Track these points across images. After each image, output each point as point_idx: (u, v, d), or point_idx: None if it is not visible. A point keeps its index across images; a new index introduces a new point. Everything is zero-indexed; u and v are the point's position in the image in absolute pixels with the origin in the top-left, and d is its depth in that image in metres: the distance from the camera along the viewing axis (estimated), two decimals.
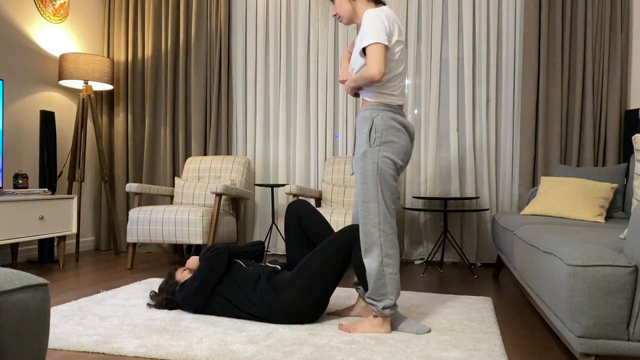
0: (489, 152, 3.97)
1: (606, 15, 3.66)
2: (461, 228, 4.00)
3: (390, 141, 2.04)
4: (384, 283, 2.03)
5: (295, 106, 4.34)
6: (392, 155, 2.04)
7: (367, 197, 2.05)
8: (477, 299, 2.71)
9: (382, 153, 2.03)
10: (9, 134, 3.74)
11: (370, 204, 2.04)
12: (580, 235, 1.83)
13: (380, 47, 1.95)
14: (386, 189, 2.05)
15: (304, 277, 2.14)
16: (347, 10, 2.17)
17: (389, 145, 2.04)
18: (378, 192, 2.04)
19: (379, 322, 2.07)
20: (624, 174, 3.06)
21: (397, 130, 2.06)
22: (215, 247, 2.29)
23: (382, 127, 2.04)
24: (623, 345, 1.47)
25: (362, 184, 2.07)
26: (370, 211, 2.04)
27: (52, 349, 1.88)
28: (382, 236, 2.03)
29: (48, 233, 3.48)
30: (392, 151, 2.04)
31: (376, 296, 2.05)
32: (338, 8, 2.18)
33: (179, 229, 3.42)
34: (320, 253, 2.16)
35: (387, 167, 2.04)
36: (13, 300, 0.95)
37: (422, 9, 4.06)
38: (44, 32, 4.05)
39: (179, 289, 2.38)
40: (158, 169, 4.52)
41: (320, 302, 2.18)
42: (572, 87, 3.75)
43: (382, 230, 2.04)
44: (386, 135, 2.04)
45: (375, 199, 2.04)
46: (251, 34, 4.40)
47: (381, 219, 2.04)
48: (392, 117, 2.07)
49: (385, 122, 2.05)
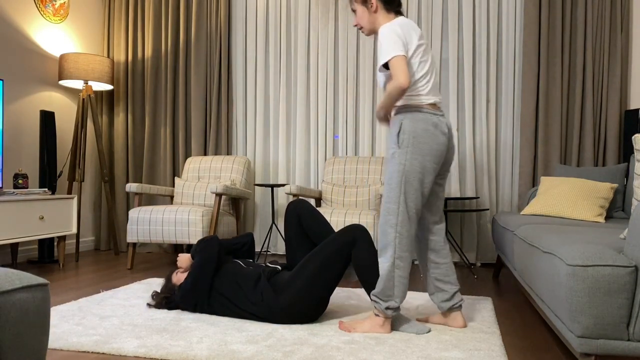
0: (489, 152, 3.97)
1: (606, 15, 3.66)
2: (461, 228, 4.00)
3: (419, 143, 2.03)
4: (393, 285, 2.04)
5: (295, 106, 4.34)
6: (420, 157, 2.03)
7: (389, 197, 2.06)
8: (477, 299, 2.71)
9: (409, 155, 2.03)
10: (9, 134, 3.74)
11: (391, 205, 2.05)
12: (580, 235, 1.83)
13: (399, 59, 1.97)
14: (410, 192, 2.04)
15: (304, 277, 2.15)
16: (369, 22, 2.19)
17: (417, 148, 2.03)
18: (400, 194, 2.04)
19: (379, 321, 2.07)
20: (624, 174, 3.06)
21: (426, 131, 2.04)
22: (204, 239, 2.33)
23: (409, 129, 2.04)
24: (623, 345, 1.47)
25: (387, 184, 2.08)
26: (390, 212, 2.05)
27: (52, 349, 1.88)
28: (397, 238, 2.04)
29: (48, 233, 3.48)
30: (420, 153, 2.03)
31: (382, 296, 2.05)
32: (360, 19, 2.21)
33: (179, 229, 3.42)
34: (320, 253, 2.17)
35: (413, 170, 2.03)
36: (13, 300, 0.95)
37: (422, 9, 4.06)
38: (44, 32, 4.05)
39: (177, 290, 2.38)
40: (158, 169, 4.52)
41: (321, 302, 2.18)
42: (572, 87, 3.75)
43: (398, 232, 2.04)
44: (414, 137, 2.03)
45: (397, 201, 2.04)
46: (251, 34, 4.40)
47: (399, 220, 2.04)
48: (423, 118, 2.06)
49: (413, 124, 2.04)
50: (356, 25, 2.23)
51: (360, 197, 3.75)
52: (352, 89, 4.19)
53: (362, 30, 2.23)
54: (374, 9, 2.15)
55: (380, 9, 2.15)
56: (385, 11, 2.15)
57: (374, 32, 2.23)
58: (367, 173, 3.89)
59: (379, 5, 2.14)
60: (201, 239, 2.35)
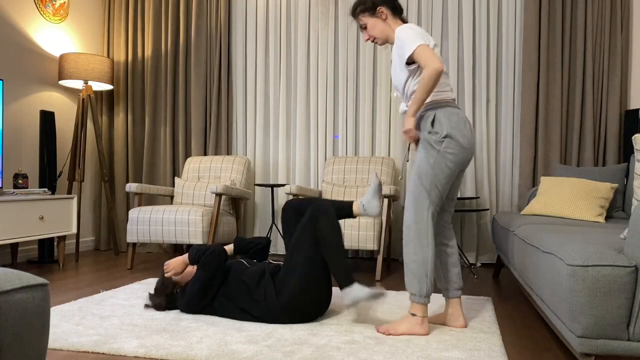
0: (489, 152, 3.97)
1: (606, 15, 3.66)
2: (461, 228, 4.00)
3: (455, 135, 2.03)
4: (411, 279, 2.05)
5: (295, 106, 4.34)
6: (454, 148, 2.03)
7: (420, 190, 2.05)
8: (477, 299, 2.71)
9: (445, 145, 2.03)
10: (9, 134, 3.74)
11: (421, 197, 2.05)
12: (580, 235, 1.83)
13: (424, 47, 1.99)
14: (440, 183, 2.04)
15: (296, 273, 2.15)
16: (382, 31, 2.21)
17: (453, 140, 2.03)
18: (426, 184, 2.04)
19: (417, 320, 2.06)
20: (624, 174, 3.06)
21: (458, 124, 2.05)
22: (212, 250, 2.25)
23: (444, 120, 2.04)
24: (623, 345, 1.47)
25: (417, 178, 2.07)
26: (419, 203, 2.05)
27: (52, 349, 1.88)
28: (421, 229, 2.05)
29: (48, 233, 3.48)
30: (456, 145, 2.03)
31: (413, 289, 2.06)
32: (372, 31, 2.22)
33: (179, 229, 3.42)
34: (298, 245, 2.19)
35: (446, 160, 2.03)
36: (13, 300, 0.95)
37: (422, 9, 4.06)
38: (44, 32, 4.05)
39: (180, 296, 2.36)
40: (158, 169, 4.52)
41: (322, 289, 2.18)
42: (572, 87, 3.75)
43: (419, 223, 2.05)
44: (452, 128, 2.03)
45: (426, 193, 2.04)
46: (251, 34, 4.40)
47: (429, 211, 2.05)
48: (454, 111, 2.07)
49: (448, 116, 2.05)
50: (368, 39, 2.25)
51: (361, 197, 3.75)
52: (352, 89, 4.19)
53: (375, 42, 2.25)
54: (385, 16, 2.19)
55: (390, 16, 2.20)
56: (393, 17, 2.21)
57: (387, 41, 2.24)
58: (367, 173, 3.89)
59: (388, 13, 2.19)
60: (207, 249, 2.27)
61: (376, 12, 2.19)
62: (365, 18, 2.22)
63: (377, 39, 2.23)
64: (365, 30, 2.24)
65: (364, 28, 2.25)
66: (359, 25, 2.26)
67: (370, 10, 2.20)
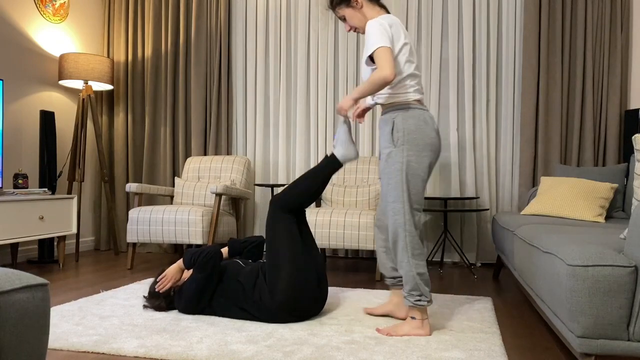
0: (489, 152, 3.97)
1: (606, 15, 3.66)
2: (461, 228, 4.00)
3: (414, 139, 2.06)
4: (417, 284, 2.05)
5: (295, 106, 4.34)
6: (417, 153, 2.06)
7: (393, 197, 2.08)
8: (477, 299, 2.71)
9: (406, 152, 2.05)
10: (9, 134, 3.74)
11: (396, 205, 2.07)
12: (580, 235, 1.83)
13: (385, 50, 2.00)
14: (412, 188, 2.06)
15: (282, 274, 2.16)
16: (360, 19, 2.23)
17: (413, 144, 2.06)
18: (403, 192, 2.06)
19: (417, 324, 2.06)
20: (624, 174, 3.06)
21: (418, 127, 2.07)
22: (207, 252, 2.24)
23: (402, 126, 2.06)
24: (623, 345, 1.47)
25: (386, 185, 2.10)
26: (396, 212, 2.07)
27: (52, 349, 1.88)
28: (408, 237, 2.06)
29: (48, 233, 3.48)
30: (417, 149, 2.06)
31: (409, 294, 2.08)
32: (351, 20, 2.25)
33: (179, 229, 3.41)
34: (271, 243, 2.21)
35: (412, 166, 2.06)
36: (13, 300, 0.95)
37: (422, 9, 4.06)
38: (44, 32, 4.05)
39: (177, 297, 2.36)
40: (158, 169, 4.52)
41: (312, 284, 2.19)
42: (572, 87, 3.75)
43: (407, 231, 2.06)
44: (409, 133, 2.06)
45: (401, 200, 2.06)
46: (251, 34, 4.40)
47: (406, 219, 2.06)
48: (413, 114, 2.09)
49: (406, 121, 2.07)
50: (350, 29, 2.28)
51: (360, 197, 3.75)
52: (352, 88, 4.18)
53: (357, 31, 2.28)
54: (360, 5, 2.21)
55: (365, 3, 2.21)
56: (369, 4, 2.22)
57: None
58: (367, 173, 3.90)
59: (363, 1, 2.21)
60: (201, 250, 2.26)
61: (351, 2, 2.21)
62: (342, 10, 2.25)
63: (357, 28, 2.26)
64: (346, 22, 2.27)
65: (343, 20, 2.27)
66: (338, 18, 2.29)
67: (345, 2, 2.22)
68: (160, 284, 2.34)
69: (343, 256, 4.31)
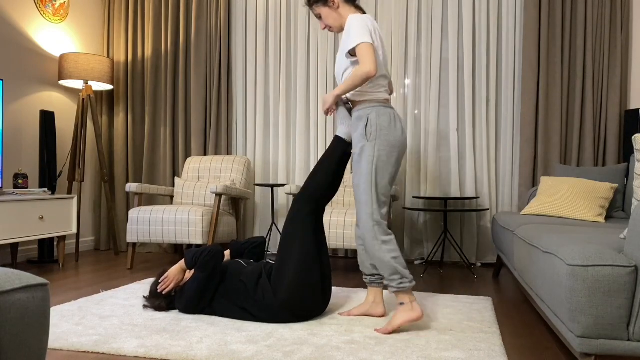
0: (489, 152, 3.97)
1: (606, 15, 3.66)
2: (461, 228, 4.00)
3: (386, 135, 2.15)
4: (394, 268, 2.11)
5: (295, 106, 4.34)
6: (388, 148, 2.15)
7: (363, 189, 2.16)
8: (477, 299, 2.71)
9: (378, 147, 2.14)
10: (9, 134, 3.74)
11: (364, 196, 2.15)
12: (580, 235, 1.83)
13: (368, 45, 2.08)
14: (380, 180, 2.15)
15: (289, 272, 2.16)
16: (335, 19, 2.30)
17: (385, 140, 2.14)
18: (372, 185, 2.14)
19: (407, 307, 2.11)
20: (624, 174, 3.06)
21: (390, 124, 2.16)
22: (208, 251, 2.24)
23: (376, 122, 2.15)
24: (623, 345, 1.47)
25: (357, 176, 2.18)
26: (364, 202, 2.15)
27: (52, 349, 1.88)
28: (376, 226, 2.14)
29: (48, 233, 3.48)
30: (388, 144, 2.15)
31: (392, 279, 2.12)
32: (327, 20, 2.32)
33: (179, 229, 3.42)
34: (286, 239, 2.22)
35: (382, 160, 2.14)
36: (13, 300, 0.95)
37: (422, 9, 4.06)
38: (44, 32, 4.05)
39: (178, 297, 2.36)
40: (158, 169, 4.52)
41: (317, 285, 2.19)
42: (572, 87, 3.75)
43: (374, 220, 2.14)
44: (381, 129, 2.15)
45: (369, 191, 2.14)
46: (251, 34, 4.40)
47: (374, 209, 2.14)
48: (385, 112, 2.18)
49: (379, 118, 2.16)
50: (325, 27, 2.35)
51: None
52: None
53: (331, 30, 2.34)
54: (337, 6, 2.27)
55: (342, 4, 2.28)
56: (346, 5, 2.28)
57: (342, 29, 2.32)
58: None
59: (340, 2, 2.27)
60: (202, 250, 2.26)
61: (328, 1, 2.27)
62: (319, 8, 2.31)
63: (332, 27, 2.32)
64: (321, 20, 2.33)
65: (319, 17, 2.33)
66: (315, 15, 2.34)
67: (322, 0, 2.28)
68: (162, 284, 2.34)
69: (343, 256, 4.31)
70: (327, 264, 2.30)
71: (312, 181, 2.27)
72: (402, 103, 4.11)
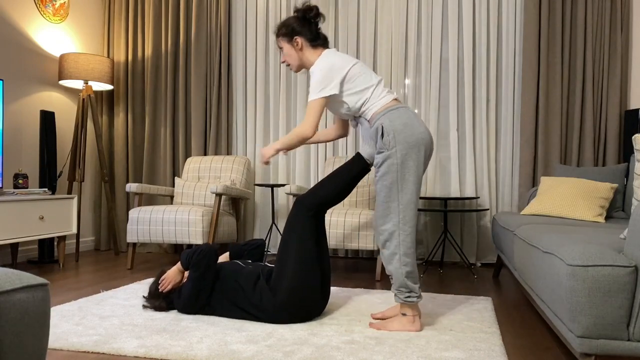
0: (489, 152, 3.97)
1: (606, 15, 3.66)
2: (461, 228, 4.00)
3: (405, 137, 2.06)
4: (404, 282, 2.08)
5: (295, 106, 4.34)
6: (409, 150, 2.06)
7: (388, 197, 2.08)
8: (477, 299, 2.71)
9: (399, 153, 2.06)
10: (9, 134, 3.74)
11: (391, 203, 2.08)
12: (580, 235, 1.83)
13: (315, 103, 2.09)
14: (408, 187, 2.07)
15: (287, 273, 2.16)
16: (295, 59, 2.27)
17: (404, 143, 2.06)
18: (399, 192, 2.07)
19: (408, 320, 2.10)
20: (624, 174, 3.06)
21: (405, 124, 2.08)
22: (200, 250, 2.25)
23: (391, 128, 2.07)
24: (623, 345, 1.47)
25: (381, 185, 2.10)
26: (391, 210, 2.08)
27: (52, 349, 1.88)
28: (402, 235, 2.08)
29: (48, 233, 3.48)
30: (408, 147, 2.06)
31: (401, 292, 2.11)
32: (287, 57, 2.29)
33: (179, 229, 3.41)
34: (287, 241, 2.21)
35: (406, 164, 2.06)
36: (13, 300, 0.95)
37: (422, 9, 4.06)
38: (44, 32, 4.05)
39: (176, 297, 2.36)
40: (158, 169, 4.52)
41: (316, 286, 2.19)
42: (572, 87, 3.75)
43: (401, 229, 2.08)
44: (398, 133, 2.06)
45: (396, 199, 2.07)
46: (251, 34, 4.40)
47: (400, 217, 2.08)
48: (397, 114, 2.10)
49: (392, 122, 2.08)
50: (283, 61, 2.32)
51: (360, 197, 3.75)
52: None
53: (290, 67, 2.31)
54: (300, 47, 2.23)
55: (306, 47, 2.24)
56: (311, 48, 2.24)
57: (302, 68, 2.31)
58: None
59: (303, 43, 2.23)
60: (195, 249, 2.27)
61: (292, 40, 2.23)
62: (283, 43, 2.28)
63: (290, 65, 2.30)
64: (282, 53, 2.31)
65: (281, 49, 2.31)
66: (278, 46, 2.32)
67: (288, 37, 2.25)
68: (161, 286, 2.35)
69: (343, 256, 4.31)
70: (327, 266, 2.29)
71: (322, 190, 2.23)
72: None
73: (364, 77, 2.16)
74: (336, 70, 2.12)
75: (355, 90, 2.15)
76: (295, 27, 2.22)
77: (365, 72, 2.18)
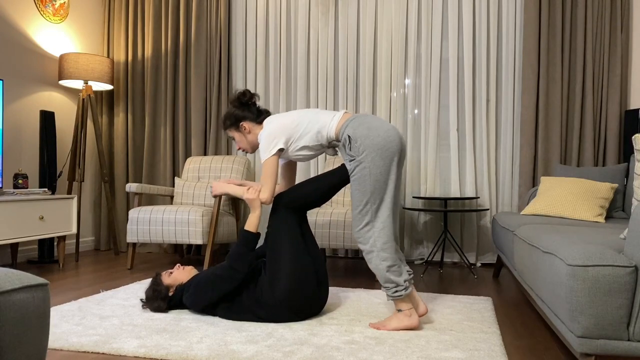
0: (489, 152, 3.97)
1: (606, 15, 3.66)
2: (461, 228, 4.00)
3: (371, 141, 2.11)
4: (388, 276, 2.11)
5: (295, 106, 4.34)
6: (379, 151, 2.11)
7: (359, 201, 2.13)
8: (477, 299, 2.71)
9: (369, 157, 2.11)
10: (9, 134, 3.74)
11: (365, 207, 2.13)
12: (581, 235, 1.83)
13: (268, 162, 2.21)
14: (381, 188, 2.12)
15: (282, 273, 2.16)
16: (248, 142, 2.43)
17: (372, 146, 2.11)
18: (371, 194, 2.11)
19: (404, 315, 2.12)
20: (624, 174, 3.06)
21: (369, 128, 2.14)
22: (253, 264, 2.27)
23: (356, 136, 2.13)
24: (623, 345, 1.47)
25: (356, 190, 2.14)
26: (365, 212, 2.13)
27: (52, 349, 1.88)
28: (375, 232, 2.12)
29: (48, 233, 3.48)
30: (375, 148, 2.11)
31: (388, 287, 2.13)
32: (240, 143, 2.45)
33: (179, 229, 3.42)
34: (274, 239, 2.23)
35: (376, 167, 2.11)
36: (13, 300, 0.95)
37: (422, 9, 4.06)
38: (44, 32, 4.05)
39: (186, 290, 2.33)
40: (158, 169, 4.52)
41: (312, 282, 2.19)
42: (572, 87, 3.75)
43: (375, 227, 2.12)
44: (365, 138, 2.12)
45: (367, 201, 2.12)
46: (251, 34, 4.40)
47: (374, 217, 2.13)
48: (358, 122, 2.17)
49: (355, 130, 2.15)
50: (239, 148, 2.47)
51: None
52: (351, 88, 4.18)
53: (245, 151, 2.47)
54: (248, 130, 2.39)
55: (253, 126, 2.39)
56: (256, 125, 2.39)
57: (256, 147, 2.43)
58: None
59: (250, 125, 2.39)
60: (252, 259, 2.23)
61: (239, 127, 2.38)
62: (232, 132, 2.43)
63: (245, 149, 2.44)
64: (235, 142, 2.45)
65: (233, 139, 2.45)
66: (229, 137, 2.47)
67: (235, 126, 2.40)
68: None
69: (343, 256, 4.31)
70: (319, 260, 2.30)
71: (300, 189, 2.28)
72: (402, 103, 4.11)
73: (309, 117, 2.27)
74: (279, 127, 2.24)
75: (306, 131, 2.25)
76: (238, 114, 2.39)
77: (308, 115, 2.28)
